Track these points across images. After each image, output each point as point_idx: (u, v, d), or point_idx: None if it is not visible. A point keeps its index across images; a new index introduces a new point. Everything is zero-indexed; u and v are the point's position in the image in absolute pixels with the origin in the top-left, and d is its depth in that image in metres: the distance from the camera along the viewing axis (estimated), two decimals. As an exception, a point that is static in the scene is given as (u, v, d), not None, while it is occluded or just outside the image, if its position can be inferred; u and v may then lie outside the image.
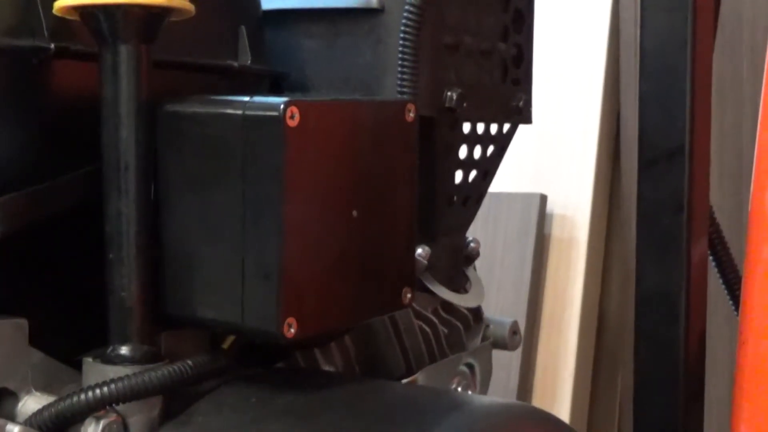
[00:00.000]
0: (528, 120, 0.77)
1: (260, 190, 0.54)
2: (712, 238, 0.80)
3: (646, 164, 0.77)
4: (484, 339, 0.76)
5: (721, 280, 0.83)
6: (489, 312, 0.78)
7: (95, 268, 0.57)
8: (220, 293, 0.56)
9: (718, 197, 1.28)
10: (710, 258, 0.80)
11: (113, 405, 0.56)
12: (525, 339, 1.45)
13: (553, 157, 1.54)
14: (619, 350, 1.60)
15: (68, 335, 0.60)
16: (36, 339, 0.59)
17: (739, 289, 0.70)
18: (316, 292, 0.55)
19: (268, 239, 0.54)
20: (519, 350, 1.15)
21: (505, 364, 1.46)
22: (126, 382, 0.55)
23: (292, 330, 0.54)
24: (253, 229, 0.54)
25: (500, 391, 1.43)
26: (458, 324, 0.75)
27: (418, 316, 0.71)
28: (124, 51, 0.56)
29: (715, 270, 0.82)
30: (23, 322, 0.57)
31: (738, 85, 1.47)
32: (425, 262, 0.69)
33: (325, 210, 0.56)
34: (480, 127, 0.74)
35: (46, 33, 0.57)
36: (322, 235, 0.55)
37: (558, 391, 1.55)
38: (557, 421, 0.58)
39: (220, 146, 0.55)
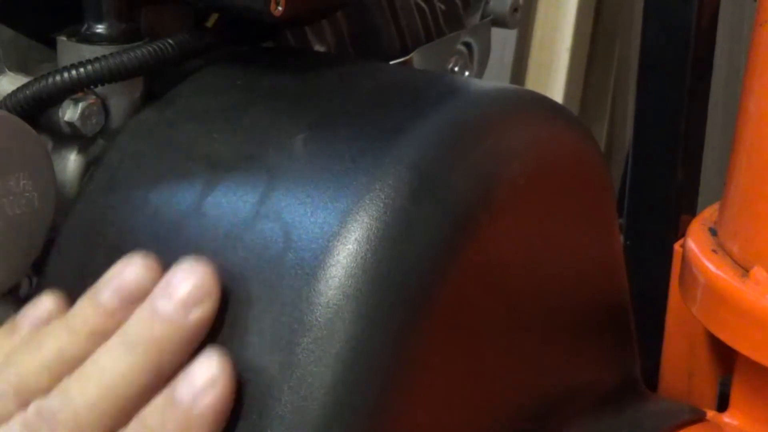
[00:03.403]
0: None
1: None
2: None
3: None
4: (483, 16, 0.73)
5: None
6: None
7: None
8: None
9: None
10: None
11: (91, 87, 0.53)
12: (522, 13, 1.42)
13: None
14: (618, 25, 1.58)
15: (41, 10, 0.57)
16: (6, 15, 0.55)
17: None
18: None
19: None
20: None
21: (501, 39, 1.43)
22: (104, 63, 0.52)
23: (280, 8, 0.51)
24: None
25: (495, 68, 1.41)
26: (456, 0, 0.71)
27: (415, -9, 0.68)
28: None
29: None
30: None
31: None
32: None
33: None
34: None
35: None
36: None
37: (553, 67, 1.54)
38: (556, 106, 0.57)
39: None
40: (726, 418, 0.65)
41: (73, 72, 0.52)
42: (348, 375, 0.43)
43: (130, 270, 0.47)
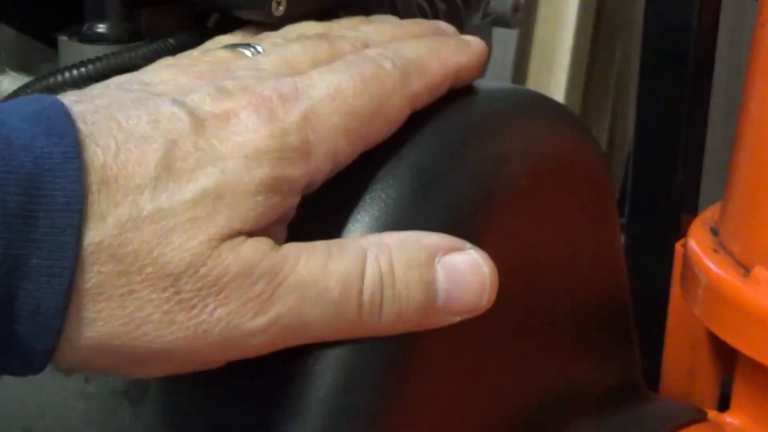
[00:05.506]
0: None
1: None
2: None
3: None
4: (484, 16, 0.73)
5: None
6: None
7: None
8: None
9: None
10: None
11: (92, 86, 0.53)
12: (523, 13, 1.42)
13: None
14: (619, 25, 1.58)
15: (42, 10, 0.57)
16: (8, 15, 0.55)
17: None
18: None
19: None
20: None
21: (502, 39, 1.43)
22: (105, 62, 0.53)
23: (281, 8, 0.51)
24: None
25: (495, 67, 1.41)
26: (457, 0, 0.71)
27: (416, -8, 0.68)
28: None
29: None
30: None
31: None
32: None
33: None
34: None
35: None
36: None
37: (555, 67, 1.54)
38: (557, 106, 0.57)
39: None
40: (727, 417, 0.65)
41: (74, 71, 0.52)
42: (347, 376, 0.43)
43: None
